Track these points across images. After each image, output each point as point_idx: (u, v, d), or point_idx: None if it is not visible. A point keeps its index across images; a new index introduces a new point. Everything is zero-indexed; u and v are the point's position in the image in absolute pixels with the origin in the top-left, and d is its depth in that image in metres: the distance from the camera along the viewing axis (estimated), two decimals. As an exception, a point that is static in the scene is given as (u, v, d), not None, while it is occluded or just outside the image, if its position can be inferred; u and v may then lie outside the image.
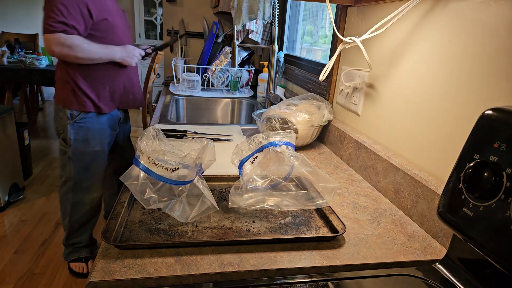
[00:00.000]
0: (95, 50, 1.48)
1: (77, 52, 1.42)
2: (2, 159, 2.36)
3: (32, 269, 1.87)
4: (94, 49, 1.47)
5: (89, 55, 1.47)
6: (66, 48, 1.40)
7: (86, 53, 1.45)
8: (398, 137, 0.92)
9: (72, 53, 1.42)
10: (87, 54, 1.46)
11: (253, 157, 0.79)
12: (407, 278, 0.59)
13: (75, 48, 1.42)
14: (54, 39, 1.38)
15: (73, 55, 1.43)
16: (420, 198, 0.77)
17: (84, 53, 1.44)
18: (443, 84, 0.77)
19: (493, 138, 0.50)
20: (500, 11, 0.63)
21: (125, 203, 0.75)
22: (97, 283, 0.55)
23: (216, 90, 2.21)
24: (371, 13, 1.06)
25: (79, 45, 1.42)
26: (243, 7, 1.51)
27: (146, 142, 0.75)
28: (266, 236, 0.69)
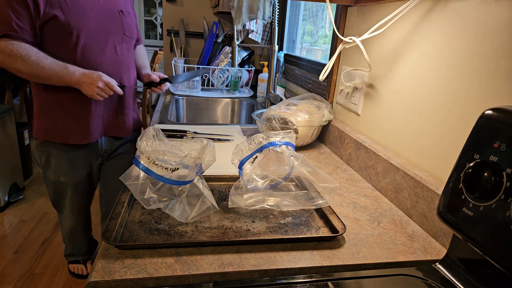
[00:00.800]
0: (44, 66, 1.13)
1: (18, 63, 1.11)
2: (2, 159, 2.36)
3: (32, 269, 1.87)
4: (43, 64, 1.13)
5: (35, 72, 1.13)
6: (6, 57, 1.11)
7: (30, 67, 1.12)
8: (398, 137, 0.92)
9: (12, 64, 1.12)
10: (31, 69, 1.12)
11: (253, 157, 0.79)
12: (407, 278, 0.59)
13: (17, 57, 1.10)
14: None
15: (15, 68, 1.13)
16: (420, 198, 0.77)
17: (27, 66, 1.12)
18: (443, 84, 0.77)
19: (493, 138, 0.50)
20: (500, 11, 0.63)
21: (125, 203, 0.75)
22: (97, 283, 0.55)
23: (216, 90, 2.21)
24: (371, 13, 1.06)
25: (24, 55, 1.11)
26: (243, 7, 1.51)
27: (146, 142, 0.75)
28: (266, 236, 0.69)
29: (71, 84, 1.18)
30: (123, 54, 1.35)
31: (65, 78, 1.17)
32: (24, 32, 1.12)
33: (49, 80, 1.17)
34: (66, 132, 1.30)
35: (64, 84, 1.18)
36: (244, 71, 2.22)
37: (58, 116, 1.28)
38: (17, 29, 1.10)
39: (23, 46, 1.12)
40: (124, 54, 1.36)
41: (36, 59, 1.13)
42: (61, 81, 1.17)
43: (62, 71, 1.16)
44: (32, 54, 1.12)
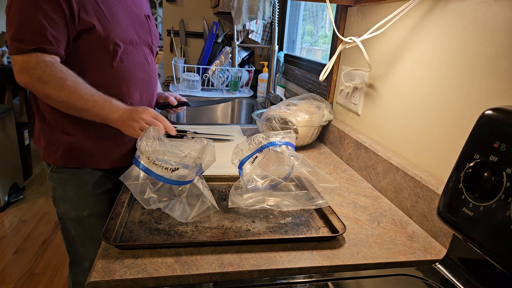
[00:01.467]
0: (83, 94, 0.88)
1: (49, 87, 0.87)
2: (2, 159, 2.36)
3: (32, 269, 1.87)
4: (82, 92, 0.88)
5: (68, 99, 0.88)
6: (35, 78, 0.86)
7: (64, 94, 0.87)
8: (398, 137, 0.92)
9: (42, 88, 0.87)
10: (65, 96, 0.87)
11: (253, 157, 0.79)
12: (407, 278, 0.59)
13: (49, 80, 0.86)
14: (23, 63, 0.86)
15: (43, 92, 0.88)
16: (420, 198, 0.77)
17: (61, 93, 0.87)
18: (443, 84, 0.77)
19: (493, 138, 0.50)
20: (500, 11, 0.63)
21: (125, 203, 0.75)
22: (97, 283, 0.55)
23: (216, 90, 2.21)
24: (371, 13, 1.06)
25: (59, 78, 0.86)
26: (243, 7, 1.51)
27: (146, 142, 0.75)
28: (266, 236, 0.69)
29: (110, 121, 0.92)
30: (153, 66, 1.14)
31: (104, 114, 0.91)
32: (60, 44, 0.88)
33: (83, 113, 0.91)
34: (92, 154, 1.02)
35: (100, 120, 0.92)
36: (244, 71, 2.23)
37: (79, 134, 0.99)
38: (52, 41, 0.86)
39: (58, 66, 0.87)
40: (153, 65, 1.14)
41: (73, 84, 0.88)
42: (98, 116, 0.91)
43: (104, 104, 0.90)
44: (69, 77, 0.88)
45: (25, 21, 0.85)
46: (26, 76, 0.87)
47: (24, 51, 0.85)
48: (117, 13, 0.98)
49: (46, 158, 1.03)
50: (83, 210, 1.06)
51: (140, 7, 1.09)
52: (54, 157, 1.01)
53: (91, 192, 1.06)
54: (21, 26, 0.85)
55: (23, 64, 0.86)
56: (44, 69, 0.86)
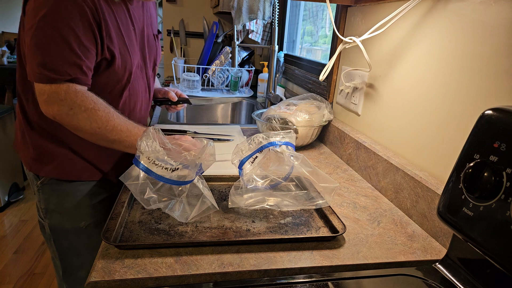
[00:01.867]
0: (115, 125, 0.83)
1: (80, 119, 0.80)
2: (2, 159, 2.36)
3: (32, 269, 1.87)
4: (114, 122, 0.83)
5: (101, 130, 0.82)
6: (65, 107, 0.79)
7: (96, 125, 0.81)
8: (398, 137, 0.92)
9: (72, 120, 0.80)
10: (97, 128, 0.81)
11: (253, 157, 0.79)
12: (407, 278, 0.59)
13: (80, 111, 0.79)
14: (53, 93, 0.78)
15: (72, 123, 0.81)
16: (420, 198, 0.77)
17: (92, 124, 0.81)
18: (443, 84, 0.77)
19: (493, 138, 0.50)
20: (500, 11, 0.63)
21: (125, 203, 0.75)
22: (97, 283, 0.55)
23: (216, 90, 2.21)
24: (371, 13, 1.06)
25: (91, 109, 0.80)
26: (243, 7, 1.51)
27: (146, 142, 0.75)
28: (266, 236, 0.69)
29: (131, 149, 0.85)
30: (152, 89, 1.09)
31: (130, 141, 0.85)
32: (91, 74, 0.83)
33: (116, 144, 0.85)
34: (91, 165, 0.97)
35: (123, 149, 0.86)
36: (244, 71, 2.23)
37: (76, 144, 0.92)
38: (87, 72, 0.81)
39: (89, 96, 0.81)
40: (152, 88, 1.10)
41: (105, 115, 0.81)
42: (133, 145, 0.84)
43: (132, 132, 0.84)
44: (100, 108, 0.81)
45: (58, 49, 0.76)
46: (55, 107, 0.79)
47: (56, 82, 0.77)
48: (133, 41, 0.93)
49: (36, 169, 0.94)
50: (79, 222, 1.00)
51: (153, 26, 1.04)
52: (47, 169, 0.93)
53: (88, 203, 0.99)
54: (52, 53, 0.76)
55: (52, 94, 0.78)
56: (75, 100, 0.79)
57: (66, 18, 0.75)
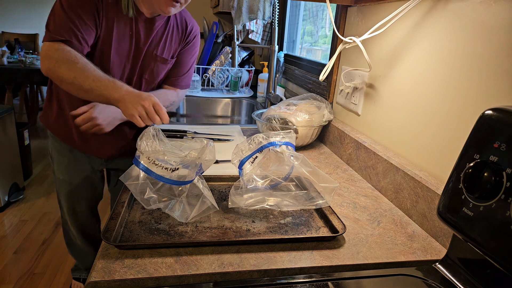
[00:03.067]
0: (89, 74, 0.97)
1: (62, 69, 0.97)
2: (2, 159, 2.36)
3: (32, 269, 1.87)
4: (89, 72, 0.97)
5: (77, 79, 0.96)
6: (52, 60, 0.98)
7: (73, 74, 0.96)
8: (398, 137, 0.92)
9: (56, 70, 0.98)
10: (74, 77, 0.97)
11: (253, 157, 0.79)
12: (407, 278, 0.59)
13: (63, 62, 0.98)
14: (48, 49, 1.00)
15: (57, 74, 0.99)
16: (420, 198, 0.77)
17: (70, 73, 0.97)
18: (443, 84, 0.77)
19: (493, 138, 0.50)
20: (500, 11, 0.63)
21: (125, 203, 0.75)
22: (97, 283, 0.55)
23: (216, 90, 2.21)
24: (371, 13, 1.06)
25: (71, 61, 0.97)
26: (243, 7, 1.51)
27: (146, 142, 0.75)
28: (266, 236, 0.69)
29: (112, 99, 0.96)
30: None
31: (107, 93, 0.96)
32: (84, 42, 1.03)
33: (89, 93, 0.98)
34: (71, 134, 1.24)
35: (104, 99, 0.98)
36: (244, 71, 2.23)
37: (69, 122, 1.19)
38: (80, 39, 1.02)
39: (73, 52, 0.99)
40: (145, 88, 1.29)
41: (82, 67, 0.97)
42: (102, 95, 0.96)
43: (108, 84, 0.96)
44: (80, 61, 0.98)
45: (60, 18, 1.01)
46: (46, 61, 0.99)
47: (54, 40, 0.99)
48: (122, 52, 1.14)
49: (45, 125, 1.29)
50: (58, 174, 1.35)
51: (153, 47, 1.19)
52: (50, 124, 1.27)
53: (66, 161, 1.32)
54: (54, 20, 1.01)
55: (48, 50, 0.99)
56: (61, 54, 0.98)
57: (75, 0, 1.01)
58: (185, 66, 1.31)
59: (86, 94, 0.99)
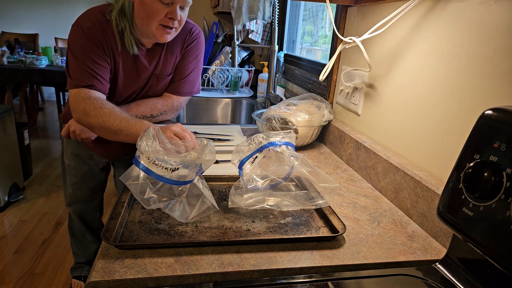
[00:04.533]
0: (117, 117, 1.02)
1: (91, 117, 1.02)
2: (2, 159, 2.36)
3: (32, 269, 1.87)
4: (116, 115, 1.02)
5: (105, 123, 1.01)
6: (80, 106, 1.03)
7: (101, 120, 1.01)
8: (398, 137, 0.92)
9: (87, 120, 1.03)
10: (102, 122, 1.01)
11: (253, 157, 0.79)
12: (407, 278, 0.59)
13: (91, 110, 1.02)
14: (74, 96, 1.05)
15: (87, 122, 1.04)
16: (420, 198, 0.77)
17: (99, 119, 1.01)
18: (443, 84, 0.77)
19: (493, 138, 0.50)
20: (500, 11, 0.63)
21: (125, 203, 0.75)
22: (97, 283, 0.55)
23: (216, 90, 2.21)
24: (371, 13, 1.06)
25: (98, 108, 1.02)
26: (243, 7, 1.51)
27: (146, 142, 0.75)
28: (266, 236, 0.69)
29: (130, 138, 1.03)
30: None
31: (135, 131, 1.01)
32: (105, 83, 1.09)
33: (119, 134, 1.03)
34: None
35: (133, 138, 1.02)
36: (244, 71, 2.23)
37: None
38: (100, 79, 1.07)
39: (99, 99, 1.05)
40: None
41: (109, 111, 1.02)
42: (131, 134, 1.02)
43: (135, 124, 1.02)
44: (106, 106, 1.04)
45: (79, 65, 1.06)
46: (76, 113, 1.05)
47: (77, 87, 1.04)
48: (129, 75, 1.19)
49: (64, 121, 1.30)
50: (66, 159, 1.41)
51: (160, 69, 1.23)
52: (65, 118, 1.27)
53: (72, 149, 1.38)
54: (75, 68, 1.06)
55: (75, 97, 1.05)
56: (88, 102, 1.03)
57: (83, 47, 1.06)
58: (184, 71, 1.29)
59: (116, 136, 1.04)
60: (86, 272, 1.72)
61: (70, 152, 1.40)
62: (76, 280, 1.74)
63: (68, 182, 1.48)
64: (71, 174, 1.46)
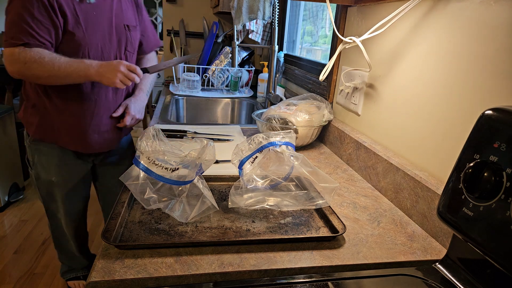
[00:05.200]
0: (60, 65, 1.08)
1: (34, 68, 1.07)
2: (2, 159, 2.36)
3: (32, 269, 1.87)
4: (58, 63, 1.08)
5: (51, 72, 1.08)
6: (21, 63, 1.07)
7: (47, 69, 1.07)
8: (398, 137, 0.92)
9: (30, 71, 1.08)
10: (48, 71, 1.07)
11: (253, 157, 0.79)
12: (407, 278, 0.59)
13: (32, 64, 1.06)
14: (10, 55, 1.07)
15: (31, 74, 1.09)
16: (420, 198, 0.77)
17: (43, 68, 1.07)
18: (443, 84, 0.77)
19: (493, 138, 0.50)
20: (500, 11, 0.63)
21: (125, 203, 0.75)
22: (97, 283, 0.55)
23: (216, 90, 2.21)
24: (371, 13, 1.06)
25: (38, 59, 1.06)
26: (243, 7, 1.51)
27: (146, 142, 0.75)
28: (266, 236, 0.69)
29: (91, 77, 1.12)
30: None
31: (84, 72, 1.10)
32: (44, 40, 1.09)
33: (68, 79, 1.11)
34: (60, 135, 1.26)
35: (83, 79, 1.13)
36: (244, 71, 2.22)
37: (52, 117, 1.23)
38: (37, 37, 1.07)
39: (36, 50, 1.07)
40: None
41: (50, 59, 1.07)
42: (80, 76, 1.11)
43: (79, 66, 1.10)
44: (45, 55, 1.08)
45: (16, 22, 1.06)
46: (15, 66, 1.08)
47: (13, 45, 1.06)
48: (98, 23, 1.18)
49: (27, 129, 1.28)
50: (51, 176, 1.32)
51: (121, 17, 1.27)
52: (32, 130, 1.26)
53: (57, 161, 1.31)
54: (13, 26, 1.07)
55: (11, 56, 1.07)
56: (25, 56, 1.06)
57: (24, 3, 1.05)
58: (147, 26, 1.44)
59: (65, 81, 1.12)
60: (82, 273, 1.69)
61: (55, 166, 1.31)
62: (73, 282, 1.70)
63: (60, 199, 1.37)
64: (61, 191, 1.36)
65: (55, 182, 1.34)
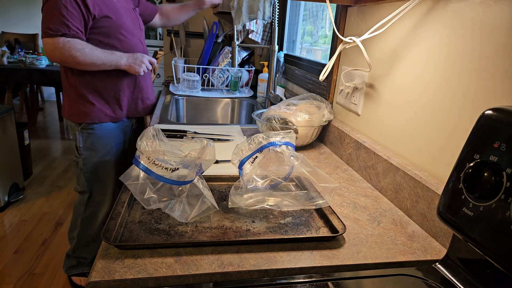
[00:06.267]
0: (98, 56, 1.37)
1: (77, 57, 1.32)
2: (2, 159, 2.36)
3: (32, 269, 1.87)
4: (97, 54, 1.36)
5: (91, 61, 1.36)
6: (66, 52, 1.30)
7: (88, 59, 1.34)
8: (398, 137, 0.92)
9: (73, 59, 1.33)
10: (89, 60, 1.35)
11: (253, 157, 0.79)
12: (407, 278, 0.59)
13: (75, 53, 1.31)
14: (53, 44, 1.30)
15: (74, 61, 1.34)
16: (420, 198, 0.77)
17: (85, 58, 1.34)
18: (443, 84, 0.77)
19: (493, 138, 0.50)
20: (500, 11, 0.63)
21: (125, 203, 0.75)
22: (97, 283, 0.55)
23: (216, 90, 2.21)
24: (371, 13, 1.06)
25: (80, 49, 1.32)
26: (243, 7, 1.51)
27: (146, 142, 0.75)
28: (266, 236, 0.69)
29: (121, 66, 1.44)
30: (145, 46, 1.66)
31: (115, 62, 1.41)
32: (78, 31, 1.33)
33: (102, 66, 1.39)
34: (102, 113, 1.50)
35: (114, 68, 1.43)
36: (244, 71, 2.22)
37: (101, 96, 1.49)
38: (72, 28, 1.30)
39: (76, 42, 1.31)
40: (145, 46, 1.66)
41: (90, 50, 1.34)
42: (111, 65, 1.41)
43: (112, 57, 1.40)
44: (85, 46, 1.34)
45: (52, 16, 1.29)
46: (57, 53, 1.31)
47: (53, 36, 1.29)
48: (118, 8, 1.46)
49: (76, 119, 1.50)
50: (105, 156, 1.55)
51: (129, 1, 1.58)
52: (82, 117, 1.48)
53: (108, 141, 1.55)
54: (49, 19, 1.29)
55: (53, 45, 1.30)
56: (69, 45, 1.31)
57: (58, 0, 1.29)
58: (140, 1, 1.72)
59: (100, 68, 1.40)
60: (87, 269, 1.71)
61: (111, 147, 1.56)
62: (77, 277, 1.72)
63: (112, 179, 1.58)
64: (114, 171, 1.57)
65: (108, 161, 1.56)
